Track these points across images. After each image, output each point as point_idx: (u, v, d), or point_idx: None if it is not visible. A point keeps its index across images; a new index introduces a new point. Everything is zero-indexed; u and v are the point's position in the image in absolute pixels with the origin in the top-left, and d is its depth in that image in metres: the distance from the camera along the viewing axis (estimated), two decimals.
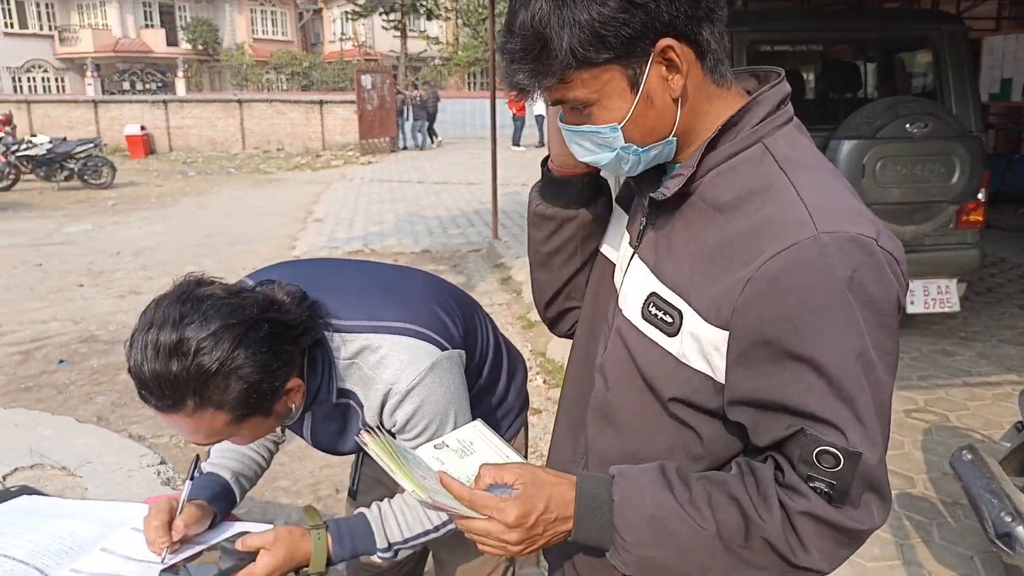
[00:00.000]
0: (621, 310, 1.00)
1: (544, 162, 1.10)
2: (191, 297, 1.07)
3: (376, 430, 0.95)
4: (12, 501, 1.38)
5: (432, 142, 21.93)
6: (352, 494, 1.70)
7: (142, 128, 19.39)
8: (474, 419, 1.16)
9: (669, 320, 0.93)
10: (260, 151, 20.17)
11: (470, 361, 1.35)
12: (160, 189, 13.96)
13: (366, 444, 0.95)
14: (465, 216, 10.82)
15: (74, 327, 5.75)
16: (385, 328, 1.24)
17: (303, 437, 1.40)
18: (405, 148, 21.51)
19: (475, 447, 1.02)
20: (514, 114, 20.02)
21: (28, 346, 5.32)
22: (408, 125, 21.63)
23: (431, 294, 1.37)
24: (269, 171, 17.12)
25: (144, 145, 19.23)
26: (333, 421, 1.32)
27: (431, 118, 21.72)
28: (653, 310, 0.95)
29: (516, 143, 20.16)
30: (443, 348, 1.27)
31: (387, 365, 1.22)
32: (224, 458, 1.44)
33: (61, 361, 5.01)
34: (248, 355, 1.06)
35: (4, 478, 1.46)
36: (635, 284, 0.98)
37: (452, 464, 0.98)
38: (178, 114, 20.24)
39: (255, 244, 8.92)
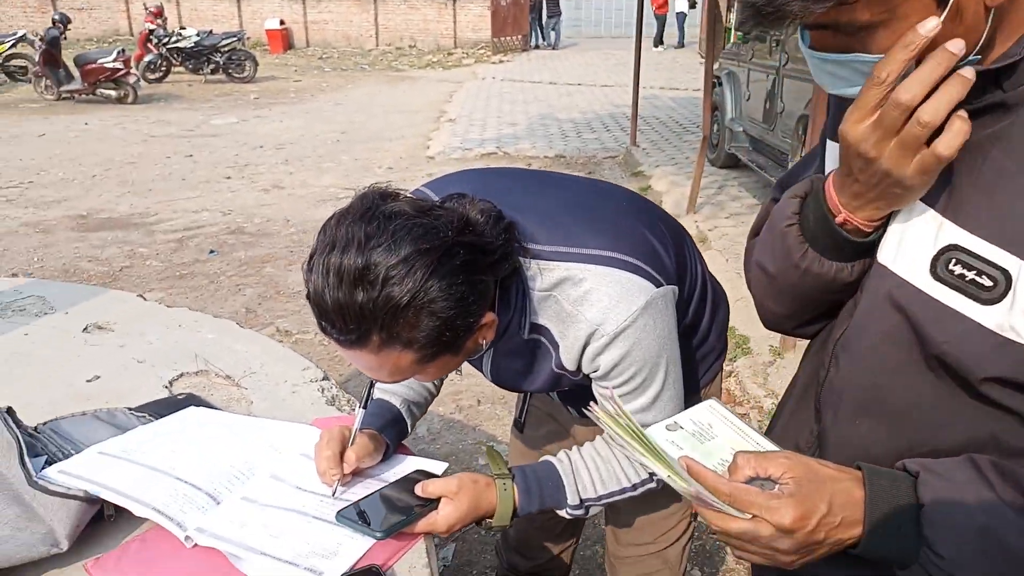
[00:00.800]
0: (889, 269, 0.75)
1: (818, 204, 0.78)
2: (377, 214, 0.91)
3: (611, 402, 0.77)
4: (181, 413, 1.32)
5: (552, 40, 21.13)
6: (519, 426, 1.56)
7: (281, 23, 19.69)
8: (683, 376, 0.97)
9: (987, 283, 0.68)
10: (393, 48, 20.13)
11: (679, 298, 1.14)
12: (298, 84, 14.20)
13: (599, 419, 0.77)
14: (600, 120, 10.39)
15: (223, 218, 5.95)
16: (590, 257, 1.04)
17: (481, 370, 1.26)
18: (537, 47, 20.88)
19: (715, 430, 0.83)
20: (655, 12, 18.89)
21: (182, 235, 5.55)
22: (542, 23, 20.90)
23: (641, 217, 1.16)
24: (401, 68, 17.08)
25: (283, 40, 19.56)
26: (519, 358, 1.16)
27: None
28: (956, 269, 0.70)
29: (658, 43, 19.09)
30: (657, 284, 1.06)
31: (592, 302, 1.03)
32: (395, 384, 1.32)
33: (212, 251, 5.20)
34: (442, 286, 0.90)
35: (170, 383, 1.38)
36: (916, 233, 0.73)
37: (691, 449, 0.79)
38: (315, 8, 20.39)
39: (389, 143, 8.92)
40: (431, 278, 0.89)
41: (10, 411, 1.21)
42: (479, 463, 2.83)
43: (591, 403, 0.81)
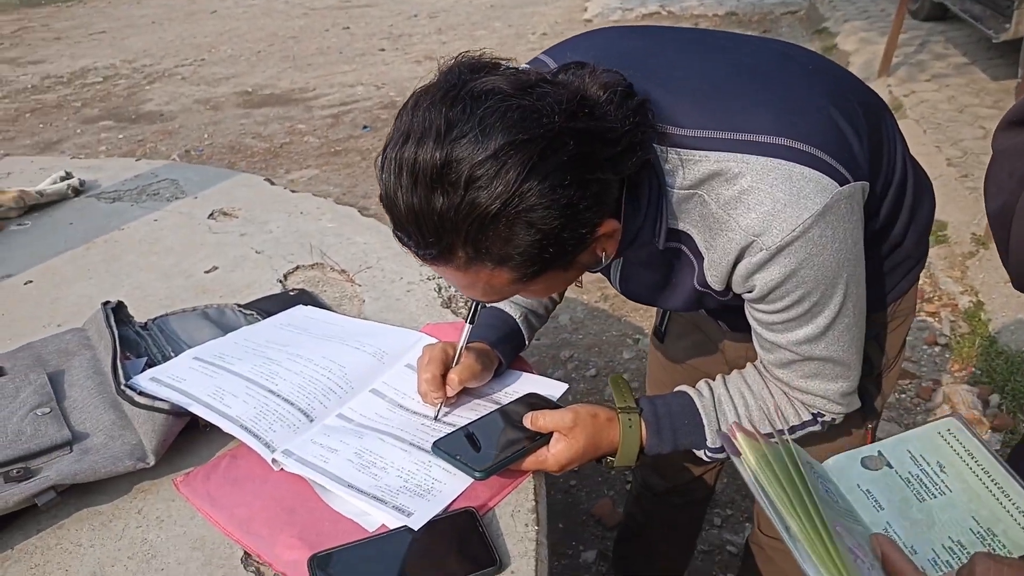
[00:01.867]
0: None
1: None
2: (463, 95, 0.70)
3: (758, 432, 0.53)
4: (288, 313, 1.23)
5: None
6: (659, 335, 1.35)
7: None
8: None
9: None
10: None
11: (870, 195, 0.86)
12: None
13: (741, 453, 0.54)
14: None
15: (376, 92, 5.92)
16: (751, 145, 0.79)
17: (609, 280, 1.06)
18: None
19: (948, 479, 0.55)
20: None
21: (338, 110, 5.58)
22: None
23: (827, 89, 0.86)
24: None
25: None
26: (652, 271, 0.94)
27: None
28: None
29: None
30: (842, 181, 0.80)
31: (750, 204, 0.79)
32: None
33: (365, 127, 5.19)
34: (543, 190, 0.69)
35: (285, 277, 1.30)
36: None
37: (897, 510, 0.53)
38: None
39: (544, 6, 8.45)
40: (528, 179, 0.68)
41: (119, 307, 1.18)
42: (623, 356, 2.67)
43: (731, 424, 0.58)
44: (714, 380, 0.99)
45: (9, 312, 1.34)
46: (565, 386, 1.06)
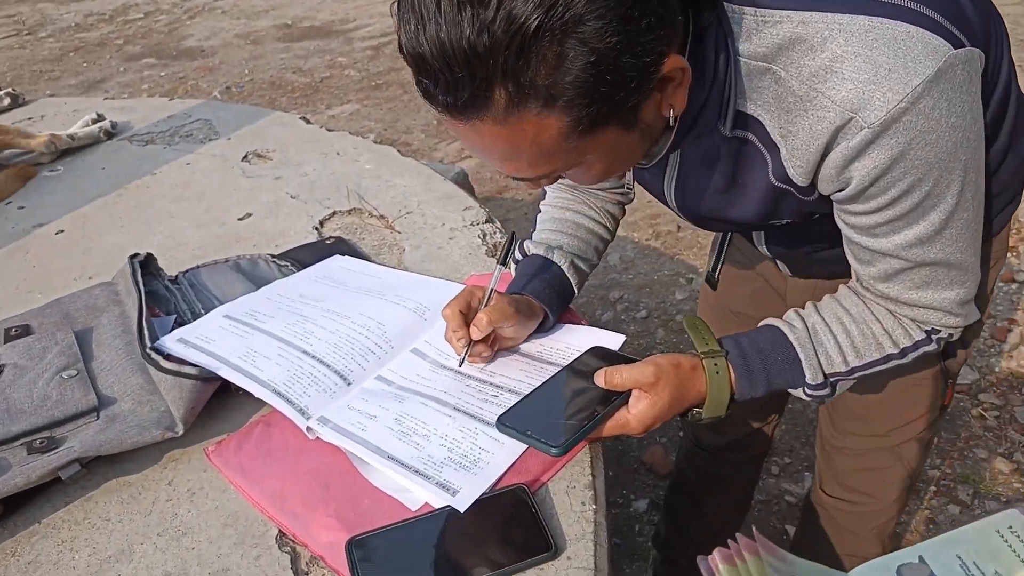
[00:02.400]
0: None
1: None
2: None
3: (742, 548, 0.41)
4: (324, 264, 1.16)
5: None
6: (711, 282, 1.22)
7: None
8: None
9: None
10: None
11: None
12: None
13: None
14: None
15: None
16: (841, 2, 0.66)
17: (660, 195, 0.91)
18: None
19: None
20: None
21: (378, 41, 5.42)
22: None
23: None
24: None
25: None
26: (715, 169, 0.80)
27: None
28: None
29: None
30: (956, 43, 0.65)
31: (845, 73, 0.65)
32: (552, 231, 1.05)
33: None
34: (595, 1, 0.57)
35: (321, 224, 1.22)
36: None
37: None
38: None
39: None
40: None
41: (147, 260, 1.12)
42: (676, 296, 2.56)
43: (712, 556, 0.47)
44: (804, 308, 0.86)
45: (42, 263, 1.30)
46: (622, 337, 0.96)
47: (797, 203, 0.78)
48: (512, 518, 0.74)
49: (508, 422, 0.79)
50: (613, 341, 0.95)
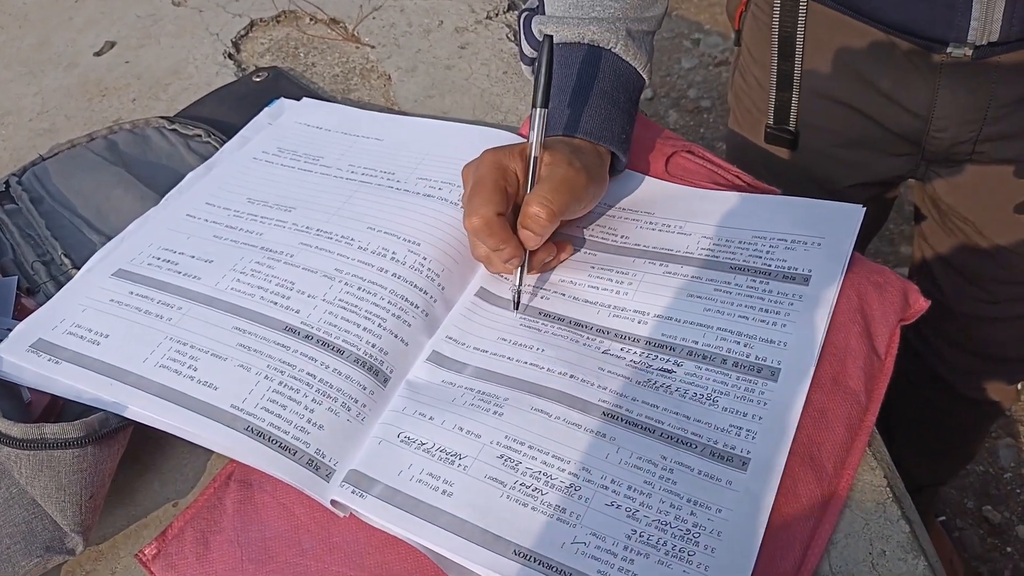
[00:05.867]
0: None
1: None
2: None
3: None
4: (268, 127, 0.66)
5: None
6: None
7: None
8: None
9: None
10: None
11: None
12: None
13: None
14: None
15: None
16: None
17: None
18: None
19: None
20: None
21: None
22: None
23: None
24: None
25: None
26: None
27: None
28: None
29: None
30: None
31: None
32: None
33: None
34: None
35: (235, 47, 0.75)
36: None
37: None
38: None
39: None
40: None
41: None
42: (683, 65, 2.08)
43: None
44: None
45: None
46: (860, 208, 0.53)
47: None
48: None
49: None
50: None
